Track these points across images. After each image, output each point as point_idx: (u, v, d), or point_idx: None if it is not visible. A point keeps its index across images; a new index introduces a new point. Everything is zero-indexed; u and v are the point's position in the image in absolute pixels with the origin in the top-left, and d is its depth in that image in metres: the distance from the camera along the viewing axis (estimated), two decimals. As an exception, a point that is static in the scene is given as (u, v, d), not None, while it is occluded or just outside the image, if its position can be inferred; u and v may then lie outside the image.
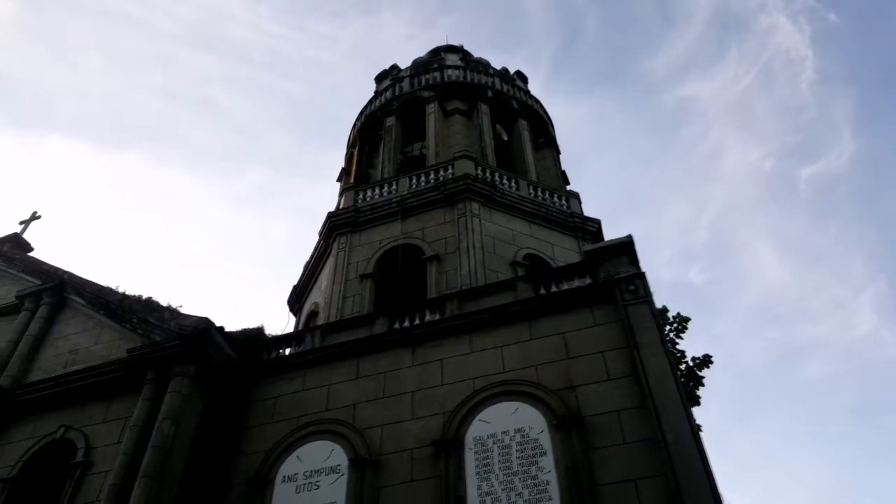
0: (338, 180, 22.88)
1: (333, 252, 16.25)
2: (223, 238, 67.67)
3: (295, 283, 18.68)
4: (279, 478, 10.58)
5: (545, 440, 9.40)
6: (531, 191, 17.03)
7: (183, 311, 12.67)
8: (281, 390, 11.98)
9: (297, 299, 18.47)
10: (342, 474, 10.21)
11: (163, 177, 66.68)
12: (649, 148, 70.12)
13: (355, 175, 20.30)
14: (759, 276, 60.40)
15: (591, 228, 16.51)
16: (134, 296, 13.66)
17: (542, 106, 22.76)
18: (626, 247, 11.34)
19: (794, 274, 62.32)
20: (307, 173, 76.07)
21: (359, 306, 14.48)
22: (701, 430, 10.61)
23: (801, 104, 65.96)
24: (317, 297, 16.88)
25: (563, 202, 17.20)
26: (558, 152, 21.69)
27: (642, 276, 10.75)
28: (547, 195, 17.18)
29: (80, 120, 66.69)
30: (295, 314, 18.53)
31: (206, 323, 11.97)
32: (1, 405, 12.93)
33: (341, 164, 22.86)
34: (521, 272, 14.28)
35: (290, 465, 10.69)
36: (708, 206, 65.44)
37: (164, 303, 13.00)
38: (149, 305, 13.17)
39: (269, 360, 12.64)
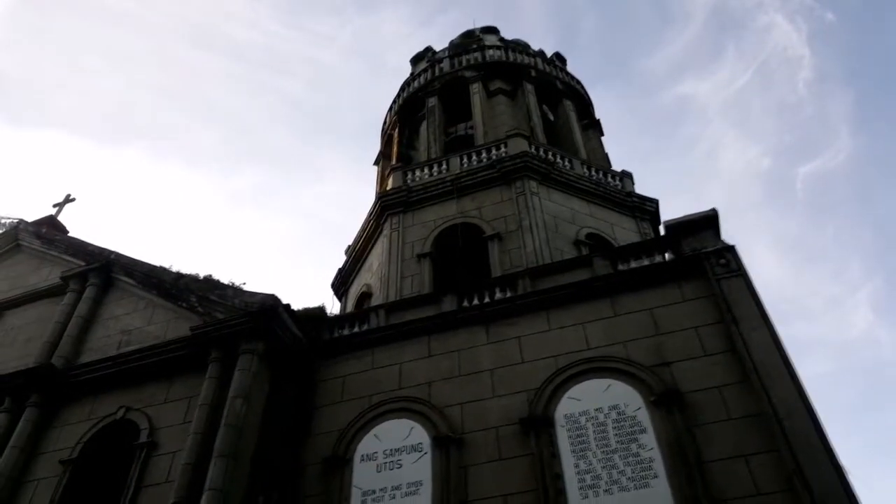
0: (375, 163, 22.57)
1: (385, 232, 15.90)
2: (222, 233, 67.28)
3: (340, 266, 18.34)
4: (357, 457, 10.26)
5: (643, 417, 9.06)
6: (585, 170, 16.65)
7: (246, 288, 12.29)
8: (349, 369, 11.65)
9: (342, 282, 18.14)
10: (425, 453, 9.88)
11: (161, 173, 66.23)
12: (647, 146, 69.64)
13: (397, 157, 19.92)
14: (756, 274, 59.83)
15: (650, 208, 16.15)
16: (190, 274, 13.31)
17: (583, 87, 22.36)
18: (710, 220, 10.97)
19: (790, 272, 61.91)
20: (306, 170, 75.51)
21: (418, 285, 14.14)
22: None
23: (798, 102, 65.77)
24: (367, 278, 16.54)
25: (618, 182, 16.83)
26: (601, 134, 21.29)
27: (732, 249, 10.38)
28: (601, 175, 16.80)
29: (78, 118, 66.20)
30: (339, 297, 18.20)
31: (273, 300, 11.62)
32: (55, 386, 12.60)
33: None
34: (585, 251, 13.93)
35: (367, 444, 10.37)
36: (705, 205, 64.74)
37: (224, 280, 12.63)
38: (209, 283, 12.82)
39: (333, 339, 12.30)
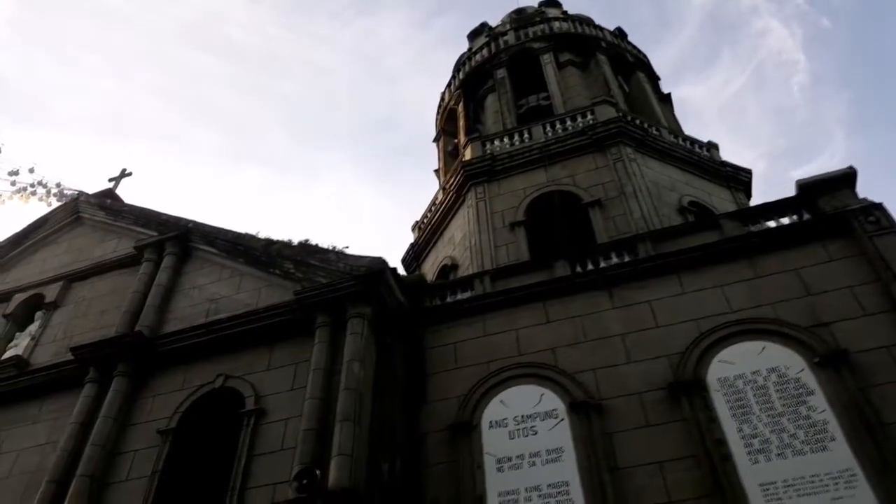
0: (434, 140, 22.05)
1: (470, 202, 15.35)
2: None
3: (412, 241, 17.84)
4: (485, 423, 9.76)
5: (808, 379, 8.52)
6: (674, 139, 16.07)
7: (349, 252, 11.77)
8: (459, 336, 11.16)
9: (414, 258, 17.63)
10: (561, 419, 9.37)
11: (158, 173, 65.57)
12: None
13: (465, 129, 19.34)
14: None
15: (744, 178, 15.59)
16: (282, 241, 12.77)
17: (649, 61, 21.74)
18: (848, 178, 10.43)
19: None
20: (303, 172, 74.75)
21: (515, 254, 13.61)
22: None
23: (793, 106, 65.33)
24: (448, 251, 16.00)
25: (706, 152, 16.25)
26: (672, 108, 20.65)
27: (881, 206, 9.82)
28: (689, 143, 16.22)
29: (76, 118, 65.50)
30: (411, 273, 17.67)
31: (381, 263, 11.09)
32: (144, 355, 12.12)
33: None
34: (690, 217, 13.39)
35: (494, 411, 9.86)
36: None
37: (323, 245, 12.10)
38: (306, 249, 12.27)
39: (436, 306, 11.80)
